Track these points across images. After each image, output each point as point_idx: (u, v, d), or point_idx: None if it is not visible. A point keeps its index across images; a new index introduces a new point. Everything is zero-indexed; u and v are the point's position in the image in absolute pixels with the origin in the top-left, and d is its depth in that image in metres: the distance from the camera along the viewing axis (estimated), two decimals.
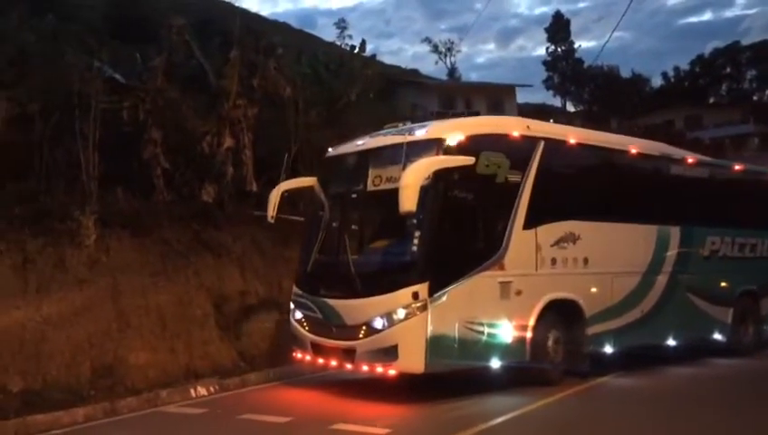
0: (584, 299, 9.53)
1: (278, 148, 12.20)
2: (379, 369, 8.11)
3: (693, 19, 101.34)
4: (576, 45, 57.79)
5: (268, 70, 13.13)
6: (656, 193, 10.93)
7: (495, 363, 8.58)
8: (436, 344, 7.96)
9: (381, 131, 9.31)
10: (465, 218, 8.54)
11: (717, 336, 11.80)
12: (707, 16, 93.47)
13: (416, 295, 7.89)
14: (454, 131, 8.45)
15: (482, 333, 8.43)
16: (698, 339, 11.51)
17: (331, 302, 8.57)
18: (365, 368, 8.27)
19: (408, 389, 8.42)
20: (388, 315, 7.97)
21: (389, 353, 7.96)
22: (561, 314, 9.29)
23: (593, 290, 9.72)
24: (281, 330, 10.06)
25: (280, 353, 9.85)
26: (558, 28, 58.05)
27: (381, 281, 8.20)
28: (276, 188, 9.58)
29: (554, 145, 9.48)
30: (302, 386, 9.37)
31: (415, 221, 8.11)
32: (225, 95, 12.17)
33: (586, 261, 9.66)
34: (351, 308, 8.34)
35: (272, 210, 9.46)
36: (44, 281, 8.73)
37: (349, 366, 8.45)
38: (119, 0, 19.21)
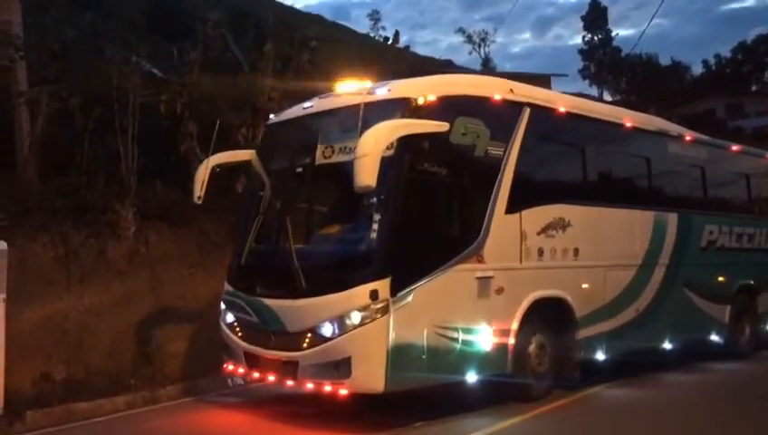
0: (575, 297, 8.02)
1: None
2: (327, 388, 6.43)
3: (735, 5, 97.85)
4: (613, 34, 56.78)
5: (302, 62, 12.85)
6: (652, 173, 9.49)
7: (472, 377, 6.99)
8: (399, 356, 6.32)
9: (334, 92, 7.61)
10: (436, 199, 6.91)
11: (714, 337, 10.46)
12: (750, 2, 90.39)
13: (374, 295, 6.23)
14: (424, 90, 6.80)
15: (456, 340, 6.83)
16: (695, 341, 10.13)
17: (269, 302, 6.85)
18: (310, 386, 6.59)
19: (362, 407, 6.82)
20: (340, 320, 6.30)
21: (340, 368, 6.28)
22: (548, 316, 7.77)
23: (585, 286, 8.22)
24: None
25: None
26: (595, 16, 56.97)
27: (331, 277, 6.50)
28: (204, 162, 7.77)
29: (542, 113, 7.91)
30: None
31: (374, 201, 6.46)
32: (259, 88, 11.96)
33: (576, 252, 8.14)
34: (294, 311, 6.64)
35: (199, 189, 7.65)
36: (86, 272, 8.87)
37: (290, 383, 6.75)
38: None
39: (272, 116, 8.06)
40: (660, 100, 39.19)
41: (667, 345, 9.51)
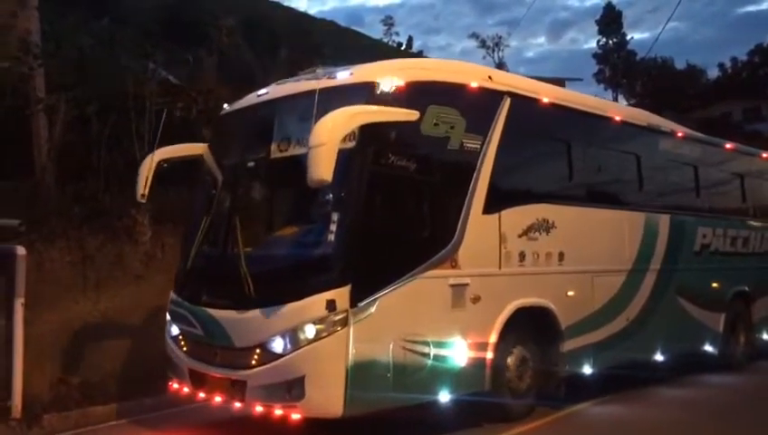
0: (560, 305, 7.28)
1: None
2: (278, 411, 5.63)
3: (751, 8, 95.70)
4: (628, 37, 56.40)
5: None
6: (642, 172, 8.79)
7: (445, 397, 6.23)
8: (360, 375, 5.54)
9: (294, 78, 6.83)
10: (403, 196, 6.14)
11: (708, 348, 9.77)
12: (767, 5, 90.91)
13: (331, 305, 5.46)
14: (390, 74, 6.03)
15: (427, 355, 6.06)
16: (689, 351, 9.43)
17: (215, 313, 6.05)
18: (259, 409, 5.79)
19: (318, 431, 6.02)
20: (292, 334, 5.51)
21: (293, 389, 5.48)
22: (530, 327, 7.04)
23: (570, 293, 7.49)
24: None
25: None
26: (610, 20, 56.47)
27: (283, 285, 5.71)
28: (148, 157, 6.95)
29: (524, 104, 7.17)
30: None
31: (332, 199, 5.69)
32: None
33: (561, 256, 7.41)
34: (241, 323, 5.84)
35: (142, 187, 6.82)
36: (103, 277, 8.92)
37: (237, 405, 5.95)
38: (170, 2, 19.37)
39: (225, 106, 7.25)
40: (676, 103, 38.70)
41: (659, 357, 8.80)
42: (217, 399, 6.11)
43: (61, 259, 8.57)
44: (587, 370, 7.75)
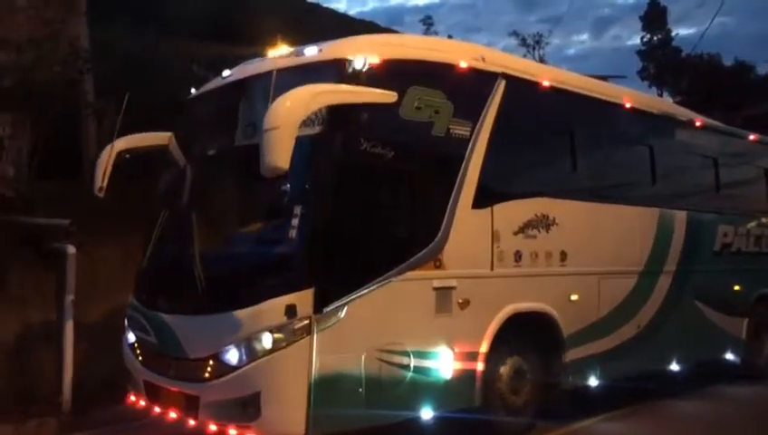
0: (561, 311, 6.57)
1: None
2: (232, 432, 4.96)
3: None
4: (673, 33, 55.29)
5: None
6: (656, 164, 8.02)
7: (427, 414, 5.54)
8: (326, 390, 4.86)
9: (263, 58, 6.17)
10: (379, 188, 5.43)
11: (729, 356, 8.98)
12: None
13: (291, 311, 4.78)
14: (365, 51, 5.34)
15: (406, 367, 5.38)
16: (707, 361, 8.64)
17: (169, 320, 5.41)
18: (213, 428, 5.12)
19: None
20: (247, 344, 4.84)
21: (248, 407, 4.81)
22: (528, 335, 6.32)
23: (574, 298, 6.77)
24: None
25: None
26: (654, 16, 55.33)
27: (239, 287, 5.05)
28: (108, 147, 6.32)
29: (521, 87, 6.45)
30: None
31: (295, 191, 5.02)
32: None
33: (564, 256, 6.69)
34: (194, 331, 5.20)
35: (100, 179, 6.20)
36: None
37: (191, 422, 5.30)
38: (216, 5, 19.52)
39: (192, 90, 6.62)
40: (723, 100, 37.69)
41: (675, 367, 8.05)
42: (172, 414, 5.45)
43: (109, 258, 8.49)
44: (592, 382, 7.02)
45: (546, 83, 6.72)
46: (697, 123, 8.90)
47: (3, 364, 6.99)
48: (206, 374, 5.02)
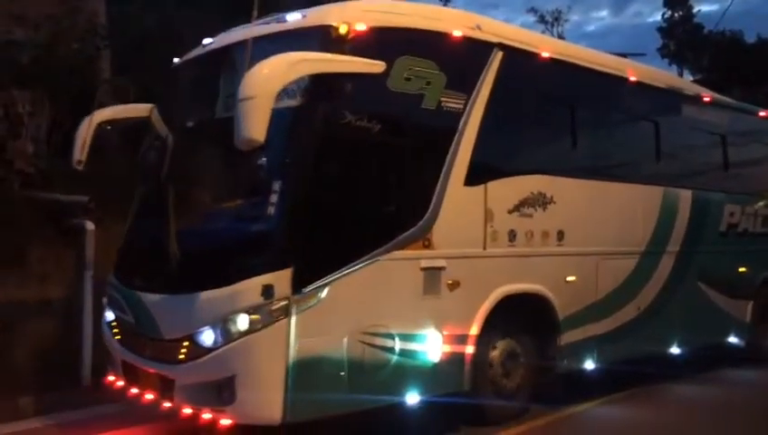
0: (557, 292, 6.34)
1: None
2: (207, 416, 4.78)
3: None
4: (695, 10, 54.31)
5: None
6: (660, 140, 7.71)
7: (413, 398, 5.34)
8: (305, 374, 4.66)
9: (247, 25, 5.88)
10: (364, 163, 5.16)
11: (733, 339, 8.75)
12: None
13: (268, 291, 4.55)
14: (351, 17, 5.05)
15: (391, 350, 5.16)
16: (711, 344, 8.40)
17: (145, 299, 5.21)
18: (187, 411, 4.94)
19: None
20: (223, 325, 4.63)
21: (223, 391, 4.62)
22: (521, 317, 6.10)
23: (571, 279, 6.53)
24: None
25: None
26: None
27: (214, 266, 4.83)
28: (86, 119, 6.07)
29: (518, 58, 6.16)
30: None
31: (275, 166, 4.78)
32: None
33: (561, 236, 6.44)
34: (170, 310, 4.99)
35: (78, 152, 5.95)
36: None
37: (167, 404, 5.11)
38: None
39: (176, 59, 6.35)
40: (745, 78, 36.99)
41: (676, 350, 7.82)
42: (149, 396, 5.26)
43: None
44: (589, 365, 6.81)
45: (546, 55, 6.42)
46: (705, 98, 8.56)
47: (23, 339, 6.99)
48: (181, 356, 4.82)
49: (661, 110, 7.82)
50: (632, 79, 7.41)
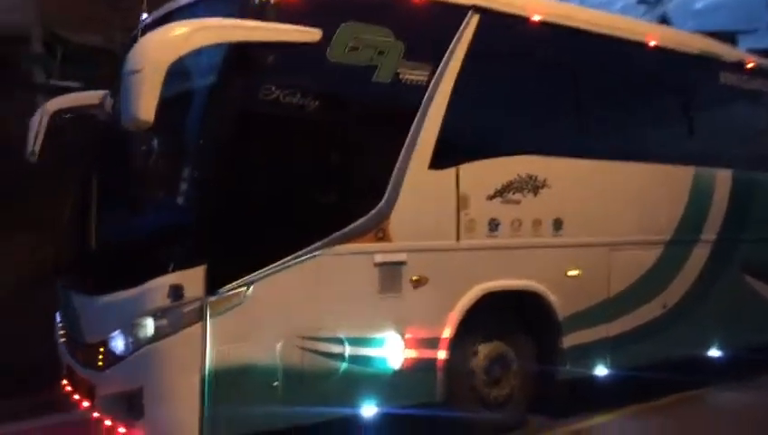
0: (555, 289, 5.54)
1: None
2: (122, 430, 4.31)
3: None
4: None
5: None
6: (693, 115, 6.76)
7: (369, 411, 4.71)
8: (227, 386, 4.11)
9: None
10: (297, 146, 4.53)
11: None
12: None
13: (176, 292, 4.02)
14: None
15: (339, 357, 4.56)
16: (757, 345, 7.32)
17: (73, 298, 4.81)
18: (108, 423, 4.49)
19: None
20: (131, 330, 4.14)
21: (133, 404, 4.14)
22: (511, 317, 5.38)
23: (573, 273, 5.71)
24: None
25: None
26: None
27: (126, 264, 4.34)
28: (40, 109, 5.74)
29: (500, 23, 5.41)
30: None
31: (187, 150, 4.27)
32: None
33: (559, 224, 5.64)
34: (91, 312, 4.56)
35: (32, 143, 5.64)
36: None
37: (95, 414, 4.68)
38: None
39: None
40: None
41: (715, 353, 6.86)
42: (85, 404, 4.86)
43: None
44: (601, 371, 5.98)
45: (536, 18, 5.63)
46: (749, 64, 7.47)
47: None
48: (99, 362, 4.37)
49: (692, 79, 6.85)
50: (652, 44, 6.48)
